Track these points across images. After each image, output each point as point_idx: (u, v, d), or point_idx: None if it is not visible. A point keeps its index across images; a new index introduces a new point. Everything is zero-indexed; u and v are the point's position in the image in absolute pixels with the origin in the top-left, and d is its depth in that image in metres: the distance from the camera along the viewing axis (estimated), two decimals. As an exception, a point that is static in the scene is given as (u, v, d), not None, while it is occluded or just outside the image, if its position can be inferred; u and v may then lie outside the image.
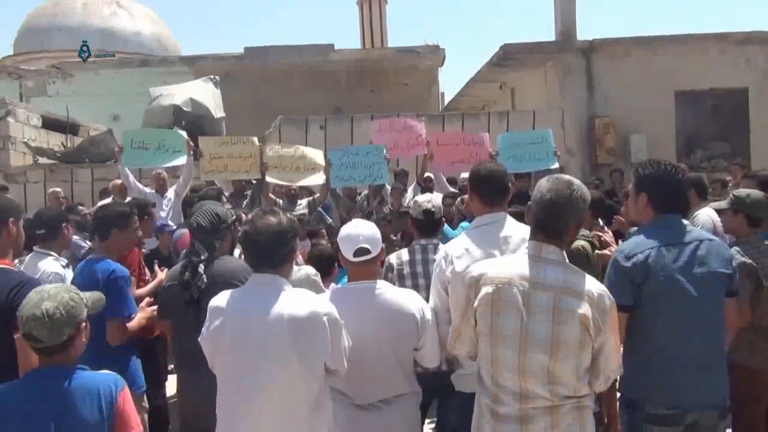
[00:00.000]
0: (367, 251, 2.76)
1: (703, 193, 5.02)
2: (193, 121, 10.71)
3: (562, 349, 2.21)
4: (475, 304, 2.32)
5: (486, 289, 2.29)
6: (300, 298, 2.45)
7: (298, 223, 2.76)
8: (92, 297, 2.42)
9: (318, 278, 4.00)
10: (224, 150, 6.81)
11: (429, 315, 2.81)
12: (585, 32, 32.35)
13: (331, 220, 7.22)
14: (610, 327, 2.24)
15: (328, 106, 15.04)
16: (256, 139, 7.07)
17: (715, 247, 2.70)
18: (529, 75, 13.53)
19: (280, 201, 7.64)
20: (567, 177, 2.41)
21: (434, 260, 3.48)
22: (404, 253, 3.63)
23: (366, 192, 8.29)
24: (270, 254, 2.49)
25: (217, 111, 11.69)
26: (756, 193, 3.83)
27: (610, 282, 2.67)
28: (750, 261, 3.53)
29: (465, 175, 7.75)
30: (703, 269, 2.62)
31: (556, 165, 6.96)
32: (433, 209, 3.64)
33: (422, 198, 3.76)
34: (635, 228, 3.23)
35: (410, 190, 7.96)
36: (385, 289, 2.79)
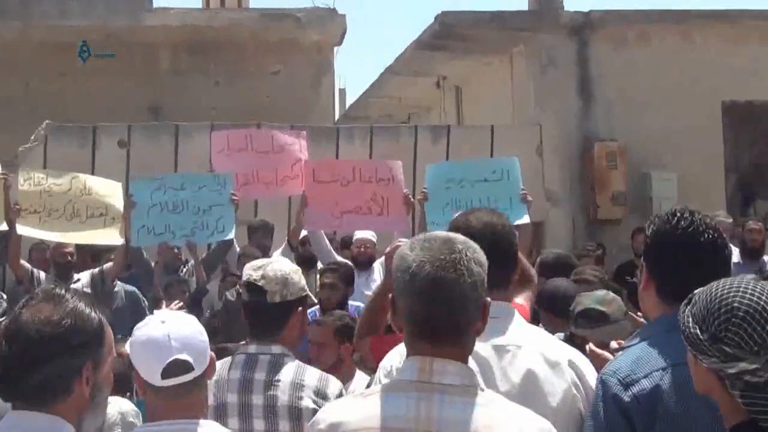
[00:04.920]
0: (186, 367, 2.72)
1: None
2: None
3: None
4: None
5: None
6: None
7: (98, 320, 2.54)
8: None
9: (139, 419, 3.96)
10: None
11: None
12: (576, 2, 33.78)
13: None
14: None
15: (138, 104, 14.96)
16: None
17: None
18: (484, 66, 14.05)
19: (42, 273, 7.48)
20: (443, 233, 2.49)
21: (266, 383, 3.57)
22: (220, 367, 3.61)
23: (199, 258, 8.23)
24: (26, 377, 2.34)
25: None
26: None
27: (597, 425, 2.74)
28: None
29: (363, 234, 7.86)
30: None
31: (526, 219, 7.15)
32: (260, 282, 3.65)
33: (252, 264, 3.80)
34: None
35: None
36: None
